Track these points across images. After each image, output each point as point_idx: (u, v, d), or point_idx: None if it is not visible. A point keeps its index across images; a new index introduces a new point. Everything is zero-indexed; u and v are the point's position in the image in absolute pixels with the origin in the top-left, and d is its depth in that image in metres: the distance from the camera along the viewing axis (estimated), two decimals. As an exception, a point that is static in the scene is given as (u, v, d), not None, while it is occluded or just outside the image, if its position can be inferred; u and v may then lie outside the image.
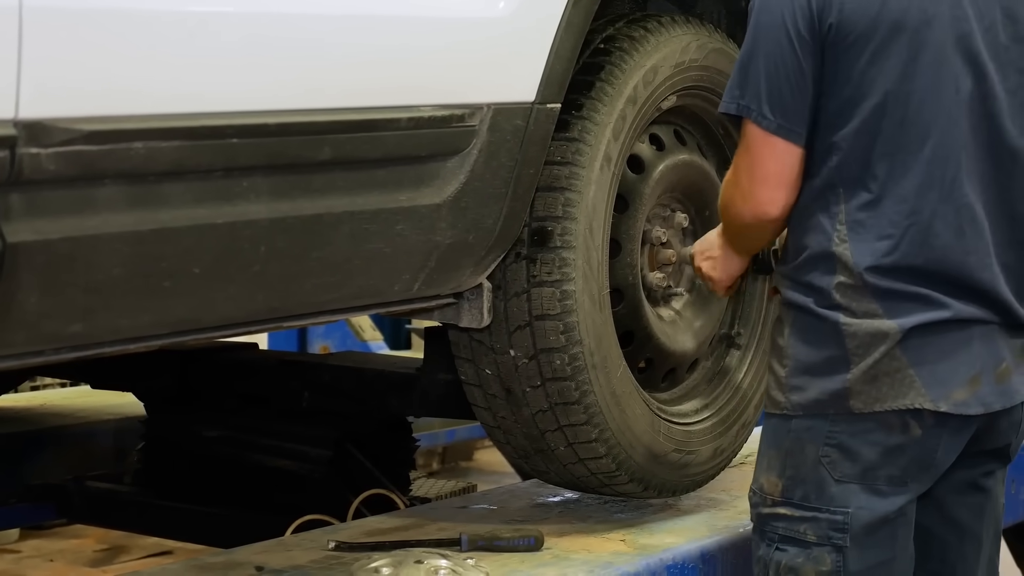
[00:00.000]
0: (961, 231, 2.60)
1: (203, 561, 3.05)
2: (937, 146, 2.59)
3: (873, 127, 2.59)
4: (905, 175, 2.59)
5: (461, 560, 2.86)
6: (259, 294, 2.50)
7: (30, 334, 2.21)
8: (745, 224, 2.75)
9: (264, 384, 4.00)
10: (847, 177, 2.61)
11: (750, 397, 3.54)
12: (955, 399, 2.60)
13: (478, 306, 2.99)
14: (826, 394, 2.62)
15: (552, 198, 3.01)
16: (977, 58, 2.61)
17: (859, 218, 2.60)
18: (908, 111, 2.58)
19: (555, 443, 3.15)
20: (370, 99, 2.60)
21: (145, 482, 4.16)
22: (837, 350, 2.61)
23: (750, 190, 2.67)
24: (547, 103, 2.90)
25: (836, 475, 2.63)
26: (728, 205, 2.75)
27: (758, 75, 2.61)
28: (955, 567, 2.80)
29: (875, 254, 2.59)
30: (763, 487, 2.71)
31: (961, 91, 2.60)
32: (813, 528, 2.64)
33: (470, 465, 7.27)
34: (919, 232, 2.58)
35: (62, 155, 2.13)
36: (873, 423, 2.61)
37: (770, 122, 2.61)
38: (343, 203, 2.56)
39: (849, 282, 2.60)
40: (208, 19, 2.34)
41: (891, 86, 2.58)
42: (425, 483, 4.48)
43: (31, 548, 5.20)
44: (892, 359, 2.58)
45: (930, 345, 2.59)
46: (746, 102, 2.62)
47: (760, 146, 2.64)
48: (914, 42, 2.58)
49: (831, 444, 2.63)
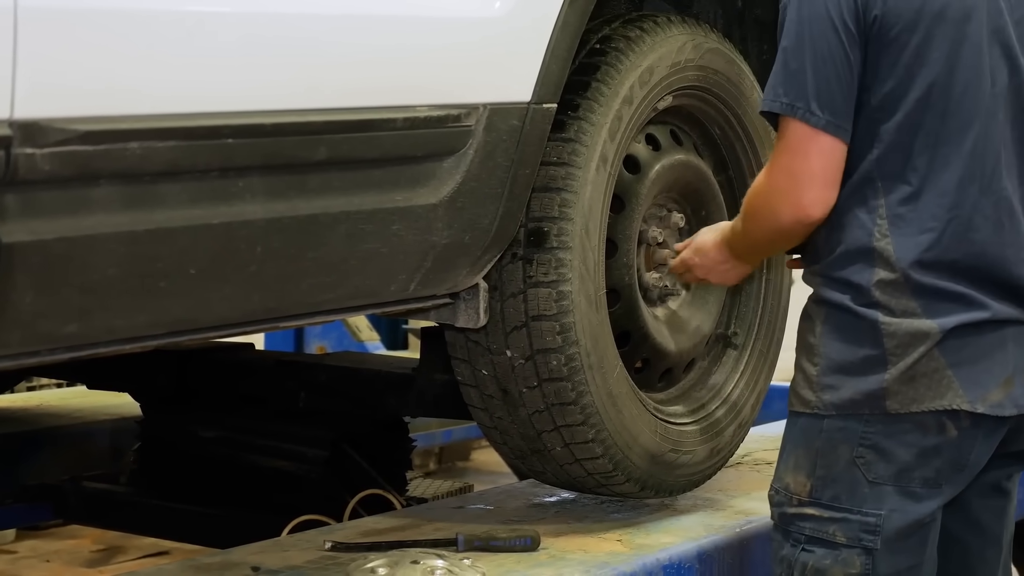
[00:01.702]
0: (1000, 224, 2.59)
1: (199, 561, 3.04)
2: (978, 139, 2.57)
3: (916, 120, 2.56)
4: (946, 168, 2.57)
5: (457, 560, 2.86)
6: (255, 294, 2.50)
7: (26, 334, 2.21)
8: (781, 229, 2.65)
9: (261, 384, 4.00)
10: (887, 171, 2.58)
11: (747, 397, 3.54)
12: (991, 400, 2.58)
13: (474, 306, 2.99)
14: (861, 394, 2.58)
15: (548, 199, 3.01)
16: (1012, 51, 2.61)
17: (900, 212, 2.57)
18: (950, 104, 2.56)
19: (552, 443, 3.15)
20: (366, 99, 2.60)
21: (141, 482, 4.16)
22: (874, 349, 2.57)
23: (792, 191, 2.59)
24: (543, 103, 2.90)
25: (871, 476, 2.59)
26: (761, 210, 2.67)
27: (803, 70, 2.55)
28: (975, 570, 2.78)
29: (917, 248, 2.56)
30: (789, 486, 2.67)
31: (998, 84, 2.59)
32: (843, 529, 2.60)
33: (467, 465, 7.27)
34: (960, 226, 2.56)
35: (57, 155, 2.13)
36: (909, 424, 2.57)
37: (819, 119, 2.54)
38: (339, 203, 2.55)
39: (890, 278, 2.56)
40: (204, 19, 2.34)
41: (934, 79, 2.56)
42: (422, 483, 4.48)
43: (27, 548, 5.21)
44: (931, 359, 2.55)
45: (969, 346, 2.57)
46: (791, 99, 2.55)
47: (805, 144, 2.56)
48: (956, 34, 2.56)
49: (866, 445, 2.59)
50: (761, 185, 2.67)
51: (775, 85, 2.59)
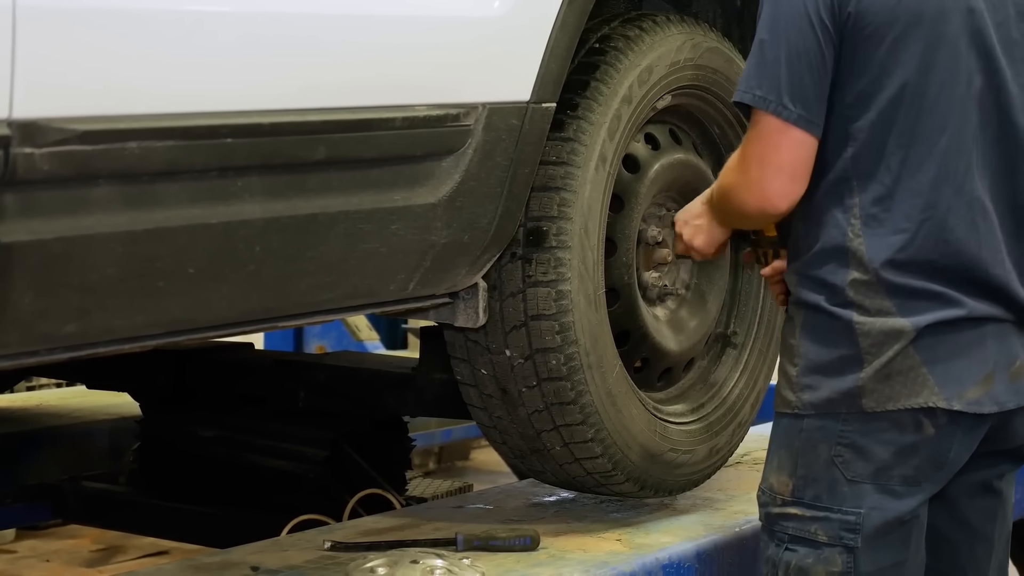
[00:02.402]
0: (974, 224, 2.58)
1: (199, 561, 3.04)
2: (951, 139, 2.57)
3: (889, 119, 2.57)
4: (920, 168, 2.56)
5: (457, 560, 2.86)
6: (254, 294, 2.50)
7: (25, 334, 2.21)
8: (746, 215, 2.70)
9: (260, 384, 4.00)
10: (862, 170, 2.58)
11: (746, 396, 3.54)
12: (969, 398, 2.58)
13: (474, 306, 2.99)
14: (838, 393, 2.59)
15: (547, 198, 3.01)
16: (990, 53, 2.60)
17: (873, 212, 2.57)
18: (924, 103, 2.56)
19: (551, 443, 3.15)
20: (365, 98, 2.60)
21: (141, 482, 4.16)
22: (850, 348, 2.58)
23: (760, 181, 2.60)
24: (542, 102, 2.89)
25: (849, 475, 2.59)
26: (730, 193, 2.69)
27: (778, 63, 2.56)
28: (966, 569, 2.78)
29: (890, 249, 2.56)
30: (773, 487, 2.68)
31: (974, 85, 2.59)
32: (824, 528, 2.61)
33: (466, 465, 7.27)
34: (934, 226, 2.56)
35: (56, 155, 2.13)
36: (886, 422, 2.58)
37: (790, 112, 2.55)
38: (338, 203, 2.55)
39: (863, 278, 2.57)
40: (203, 18, 2.34)
41: (909, 78, 2.56)
42: (421, 483, 4.48)
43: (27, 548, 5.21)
44: (906, 357, 2.56)
45: (944, 343, 2.57)
46: (764, 92, 2.56)
47: (776, 136, 2.57)
48: (932, 34, 2.56)
49: (843, 444, 2.60)
50: (731, 168, 2.69)
51: (749, 77, 2.59)
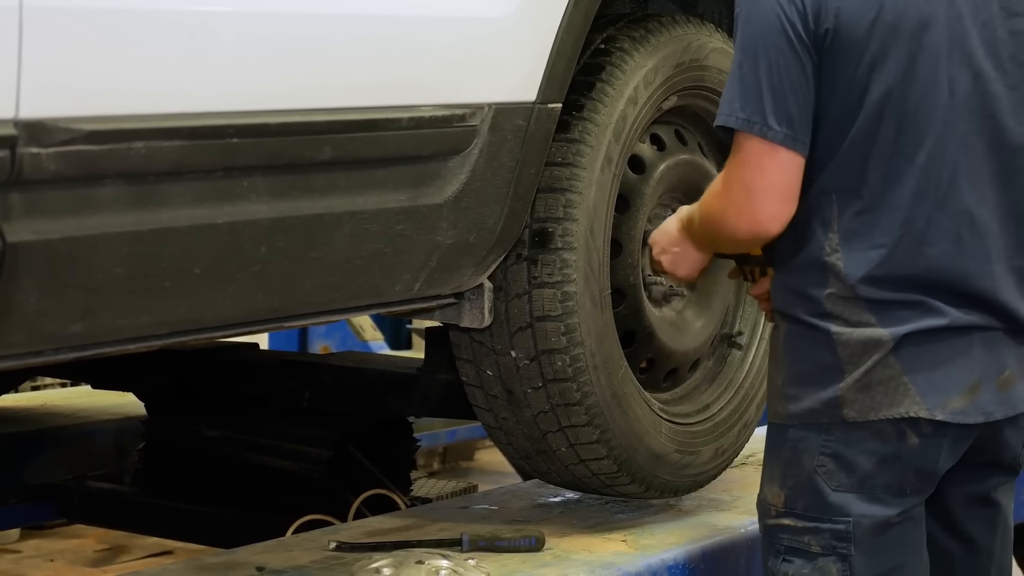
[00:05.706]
0: (959, 237, 2.54)
1: (203, 561, 3.05)
2: (932, 151, 2.52)
3: (870, 133, 2.52)
4: (899, 182, 2.53)
5: (462, 560, 2.86)
6: (259, 294, 2.50)
7: (30, 334, 2.21)
8: (736, 241, 2.65)
9: (265, 384, 4.00)
10: (842, 185, 2.54)
11: (751, 397, 3.54)
12: (952, 407, 2.55)
13: (479, 306, 2.99)
14: (819, 403, 2.57)
15: (553, 199, 3.01)
16: (972, 57, 2.55)
17: (852, 227, 2.54)
18: (904, 117, 2.52)
19: (556, 444, 3.15)
20: (371, 99, 2.60)
21: (145, 482, 4.16)
22: (830, 359, 2.56)
23: (748, 205, 2.55)
24: (548, 103, 2.89)
25: (832, 485, 2.58)
26: (718, 220, 2.63)
27: (759, 83, 2.50)
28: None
29: (867, 264, 2.53)
30: (767, 498, 2.67)
31: (957, 93, 2.54)
32: (816, 539, 2.60)
33: (471, 465, 7.27)
34: (912, 241, 2.53)
35: (62, 155, 2.13)
36: (868, 432, 2.56)
37: (776, 133, 2.50)
38: (344, 203, 2.55)
39: (841, 293, 2.54)
40: (209, 19, 2.34)
41: (889, 92, 2.51)
42: (426, 483, 4.47)
43: (31, 548, 5.20)
44: (886, 367, 2.53)
45: (926, 352, 2.54)
46: (747, 114, 2.50)
47: (763, 158, 2.52)
48: (911, 46, 2.51)
49: (826, 454, 2.58)
50: (715, 193, 2.63)
51: (731, 99, 2.53)
